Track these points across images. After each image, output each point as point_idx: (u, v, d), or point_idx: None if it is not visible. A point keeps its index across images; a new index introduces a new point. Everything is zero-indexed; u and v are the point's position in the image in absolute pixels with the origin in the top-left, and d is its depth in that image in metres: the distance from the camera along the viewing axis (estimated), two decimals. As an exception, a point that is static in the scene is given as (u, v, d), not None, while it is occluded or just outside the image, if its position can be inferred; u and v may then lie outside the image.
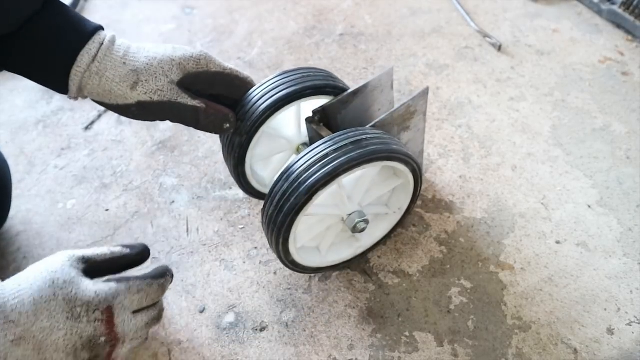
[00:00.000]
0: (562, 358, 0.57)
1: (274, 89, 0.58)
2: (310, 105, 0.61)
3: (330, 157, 0.49)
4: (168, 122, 0.54)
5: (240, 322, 0.61)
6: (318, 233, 0.59)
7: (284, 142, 0.65)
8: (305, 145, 0.65)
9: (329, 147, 0.51)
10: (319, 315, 0.61)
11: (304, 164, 0.50)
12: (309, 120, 0.60)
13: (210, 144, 0.83)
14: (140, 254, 0.50)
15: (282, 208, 0.50)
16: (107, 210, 0.73)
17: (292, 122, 0.64)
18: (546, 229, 0.69)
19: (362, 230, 0.57)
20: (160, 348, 0.58)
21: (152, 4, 1.18)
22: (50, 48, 0.49)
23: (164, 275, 0.49)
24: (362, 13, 1.11)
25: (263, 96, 0.58)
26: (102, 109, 0.90)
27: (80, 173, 0.79)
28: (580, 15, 1.08)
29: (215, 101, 0.56)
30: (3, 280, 0.42)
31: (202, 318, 0.61)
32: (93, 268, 0.46)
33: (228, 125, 0.56)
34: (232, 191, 0.75)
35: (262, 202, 0.73)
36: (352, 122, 0.63)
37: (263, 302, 0.62)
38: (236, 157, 0.60)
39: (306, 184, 0.49)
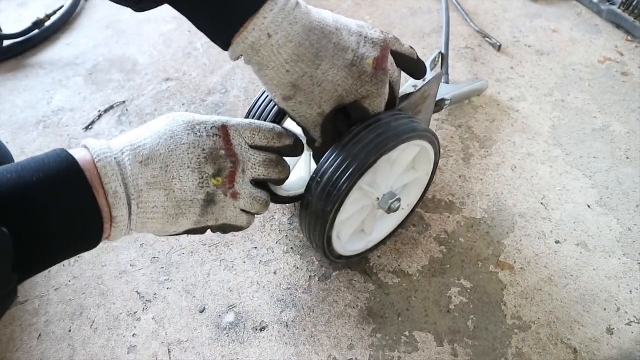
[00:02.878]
0: (562, 358, 0.57)
1: None
2: None
3: (396, 123, 0.53)
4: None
5: (240, 322, 0.61)
6: (352, 213, 0.59)
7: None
8: None
9: (391, 117, 0.53)
10: (319, 315, 0.61)
11: (369, 131, 0.52)
12: None
13: (210, 144, 0.83)
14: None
15: (345, 171, 0.50)
16: (107, 210, 0.74)
17: None
18: (546, 229, 0.69)
19: (397, 209, 0.58)
20: (160, 348, 0.59)
21: (152, 4, 1.17)
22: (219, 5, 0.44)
23: (285, 131, 0.51)
24: (362, 13, 1.11)
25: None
26: (103, 109, 0.90)
27: (81, 173, 0.79)
28: (580, 16, 1.09)
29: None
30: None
31: (202, 318, 0.61)
32: None
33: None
34: (232, 191, 0.76)
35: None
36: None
37: (263, 302, 0.63)
38: None
39: (377, 144, 0.50)
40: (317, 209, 0.52)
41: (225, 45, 0.47)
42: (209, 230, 0.50)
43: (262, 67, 0.47)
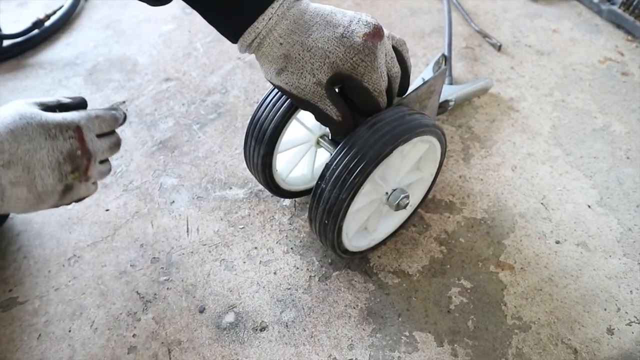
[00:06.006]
0: (562, 358, 0.57)
1: None
2: None
3: (410, 117, 0.54)
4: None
5: (240, 322, 0.61)
6: (361, 205, 0.59)
7: (306, 132, 0.65)
8: (325, 136, 0.65)
9: (405, 111, 0.55)
10: (319, 315, 0.61)
11: (384, 122, 0.53)
12: None
13: (210, 144, 0.83)
14: (80, 104, 0.56)
15: (362, 159, 0.51)
16: (107, 210, 0.74)
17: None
18: (546, 229, 0.69)
19: (405, 206, 0.59)
20: (160, 348, 0.59)
21: (152, 4, 1.17)
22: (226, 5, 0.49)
23: (115, 109, 0.57)
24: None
25: None
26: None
27: (81, 173, 0.79)
28: (580, 15, 1.08)
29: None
30: None
31: (202, 318, 0.61)
32: (47, 109, 0.52)
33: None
34: (232, 191, 0.76)
35: (263, 202, 0.73)
36: None
37: (263, 302, 0.63)
38: (268, 145, 0.60)
39: (393, 135, 0.51)
40: (331, 197, 0.52)
41: (235, 37, 0.51)
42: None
43: (260, 46, 0.50)
